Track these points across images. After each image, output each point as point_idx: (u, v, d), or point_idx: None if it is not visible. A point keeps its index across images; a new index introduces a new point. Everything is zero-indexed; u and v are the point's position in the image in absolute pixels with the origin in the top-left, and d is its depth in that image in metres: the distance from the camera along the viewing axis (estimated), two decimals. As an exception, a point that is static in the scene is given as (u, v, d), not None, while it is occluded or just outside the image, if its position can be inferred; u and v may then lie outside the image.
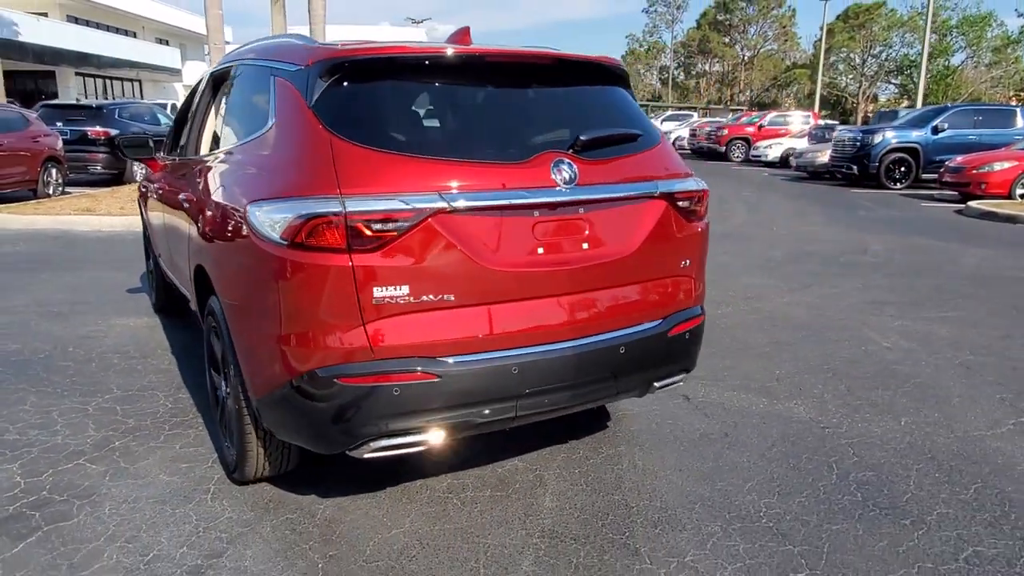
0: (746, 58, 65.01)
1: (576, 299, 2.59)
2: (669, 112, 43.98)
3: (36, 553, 2.49)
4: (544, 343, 2.51)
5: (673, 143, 14.95)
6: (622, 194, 2.68)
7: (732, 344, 4.99)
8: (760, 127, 27.44)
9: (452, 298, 2.35)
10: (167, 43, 46.77)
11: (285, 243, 2.26)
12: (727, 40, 65.05)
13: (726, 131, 28.22)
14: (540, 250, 2.48)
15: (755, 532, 2.67)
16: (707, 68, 67.92)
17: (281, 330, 2.33)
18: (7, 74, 34.22)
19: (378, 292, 2.26)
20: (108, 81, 41.89)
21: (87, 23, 40.45)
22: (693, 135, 31.07)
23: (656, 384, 2.93)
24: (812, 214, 12.65)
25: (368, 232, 2.23)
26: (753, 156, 25.56)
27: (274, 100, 2.66)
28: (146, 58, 41.98)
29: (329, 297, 2.25)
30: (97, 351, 4.68)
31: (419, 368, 2.32)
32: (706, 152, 28.83)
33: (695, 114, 43.16)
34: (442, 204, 2.30)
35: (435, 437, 2.44)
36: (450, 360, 2.36)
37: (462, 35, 2.81)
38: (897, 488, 3.00)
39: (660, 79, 69.92)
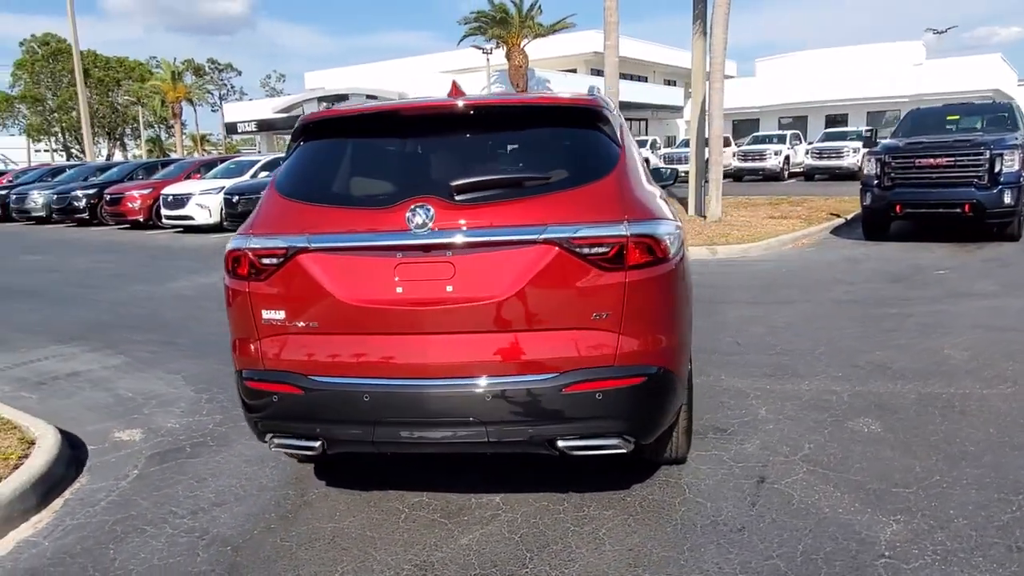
0: None
1: (436, 340, 2.65)
2: None
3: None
4: (397, 377, 2.66)
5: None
6: (490, 238, 2.61)
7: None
8: None
9: (316, 325, 2.72)
10: (673, 83, 51.01)
11: (227, 269, 2.94)
12: None
13: None
14: (399, 290, 2.65)
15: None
16: None
17: (231, 336, 3.02)
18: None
19: (265, 314, 2.78)
20: (620, 122, 47.69)
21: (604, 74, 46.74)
22: None
23: (562, 443, 2.71)
24: None
25: (259, 264, 2.77)
26: None
27: None
28: (655, 99, 46.47)
29: (242, 315, 2.86)
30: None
31: (290, 382, 2.75)
32: None
33: None
34: (305, 244, 2.70)
35: (315, 445, 2.82)
36: (313, 378, 2.73)
37: (453, 90, 3.08)
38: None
39: None
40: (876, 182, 10.42)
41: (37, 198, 20.84)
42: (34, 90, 60.41)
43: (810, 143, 28.55)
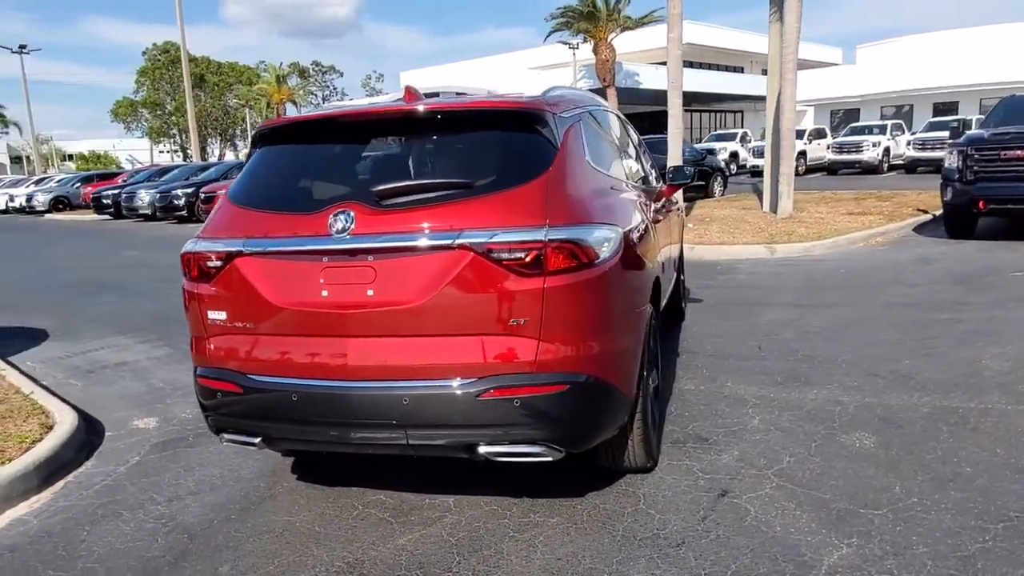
0: None
1: (357, 342, 2.69)
2: None
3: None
4: (323, 378, 2.72)
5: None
6: (405, 244, 2.63)
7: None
8: None
9: (252, 326, 2.83)
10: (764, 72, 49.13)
11: (182, 271, 3.09)
12: None
13: None
14: (324, 293, 2.71)
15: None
16: None
17: (190, 334, 3.17)
18: (632, 116, 41.72)
19: (211, 315, 2.91)
20: (713, 115, 46.49)
21: (699, 65, 45.60)
22: None
23: (483, 449, 2.70)
24: None
25: (204, 267, 2.90)
26: None
27: None
28: (751, 90, 44.95)
29: (194, 315, 3.00)
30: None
31: (231, 380, 2.87)
32: None
33: None
34: (241, 248, 2.80)
35: (255, 441, 2.93)
36: (251, 377, 2.83)
37: (407, 95, 3.13)
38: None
39: None
40: (957, 176, 9.71)
41: (144, 197, 22.39)
42: (154, 95, 64.74)
43: (913, 133, 26.88)
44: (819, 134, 29.36)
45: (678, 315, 6.21)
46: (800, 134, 28.92)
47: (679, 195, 5.83)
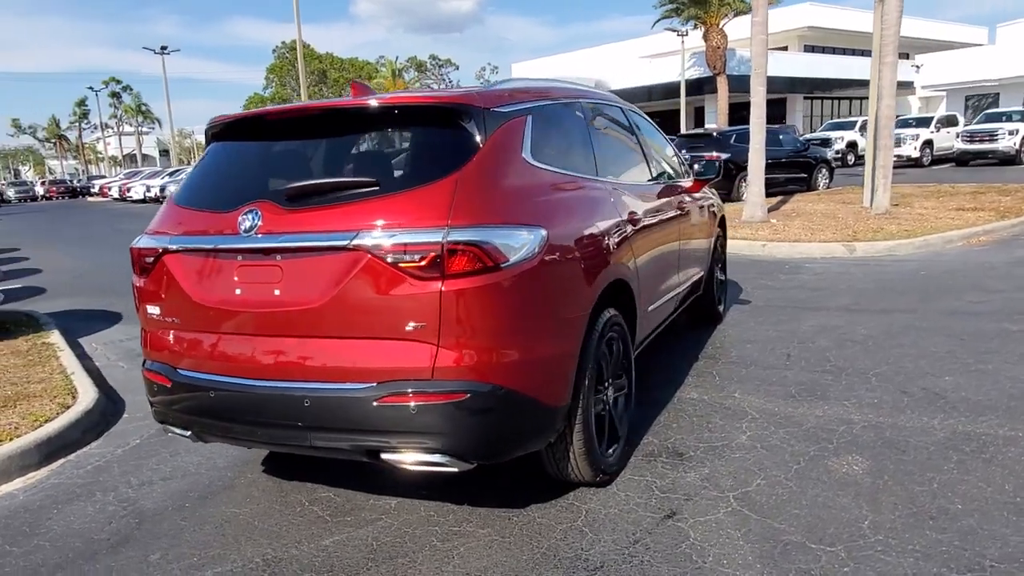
0: None
1: (265, 342, 2.68)
2: None
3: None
4: (235, 376, 2.73)
5: None
6: (303, 244, 2.58)
7: None
8: None
9: (179, 321, 2.88)
10: (907, 56, 45.68)
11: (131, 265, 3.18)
12: None
13: None
14: (238, 291, 2.71)
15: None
16: None
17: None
18: (744, 105, 40.01)
19: (149, 309, 2.99)
20: (835, 102, 43.79)
21: (822, 50, 43.13)
22: None
23: (385, 456, 2.62)
24: None
25: (143, 263, 2.98)
26: None
27: None
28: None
29: (138, 308, 3.09)
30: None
31: (164, 373, 2.94)
32: None
33: None
34: (167, 244, 2.86)
35: (187, 434, 2.99)
36: (178, 371, 2.89)
37: (353, 91, 3.10)
38: None
39: None
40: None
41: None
42: (282, 91, 68.31)
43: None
44: (949, 121, 27.04)
45: (709, 318, 5.87)
46: (926, 121, 26.81)
47: (704, 191, 5.40)
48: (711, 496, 3.12)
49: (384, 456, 2.63)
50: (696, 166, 5.25)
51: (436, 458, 2.60)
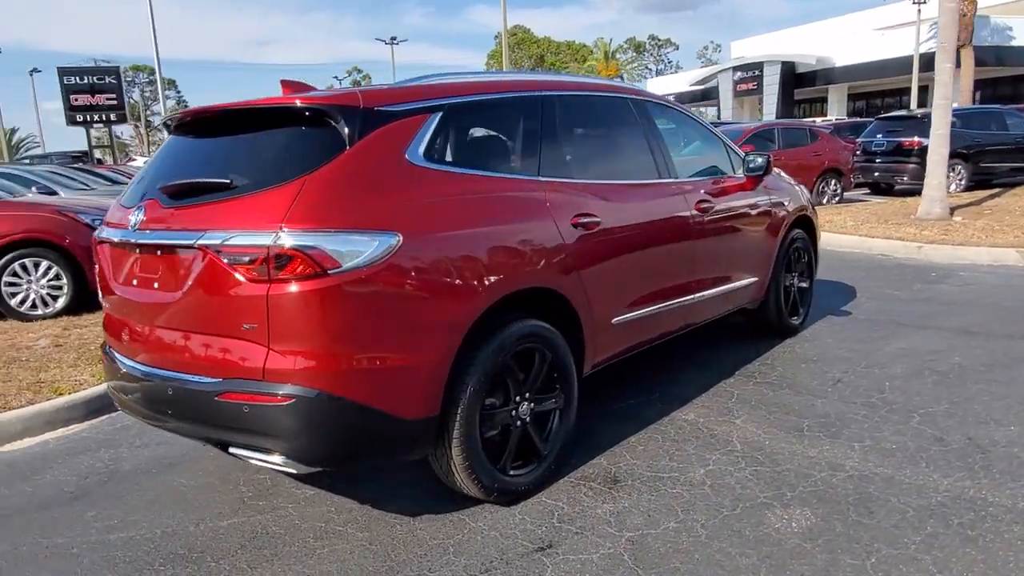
0: None
1: (150, 331, 2.85)
2: None
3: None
4: (134, 361, 2.95)
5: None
6: (161, 241, 2.73)
7: None
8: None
9: (108, 306, 3.17)
10: None
11: None
12: None
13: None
14: (135, 281, 2.92)
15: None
16: None
17: None
18: (993, 81, 34.44)
19: (100, 294, 3.31)
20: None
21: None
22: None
23: (233, 451, 2.69)
24: None
25: (95, 249, 3.31)
26: None
27: None
28: None
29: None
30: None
31: (106, 354, 3.25)
32: None
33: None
34: (100, 234, 3.14)
35: (125, 412, 3.28)
36: (109, 351, 3.18)
37: (283, 89, 3.21)
38: None
39: None
40: None
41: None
42: (501, 76, 71.01)
43: None
44: None
45: (775, 329, 5.24)
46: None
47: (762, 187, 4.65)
48: (604, 533, 2.83)
49: (232, 451, 2.71)
50: (749, 161, 4.68)
51: (274, 459, 2.62)
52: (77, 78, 32.96)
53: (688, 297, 4.11)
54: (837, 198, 13.60)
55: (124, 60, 76.91)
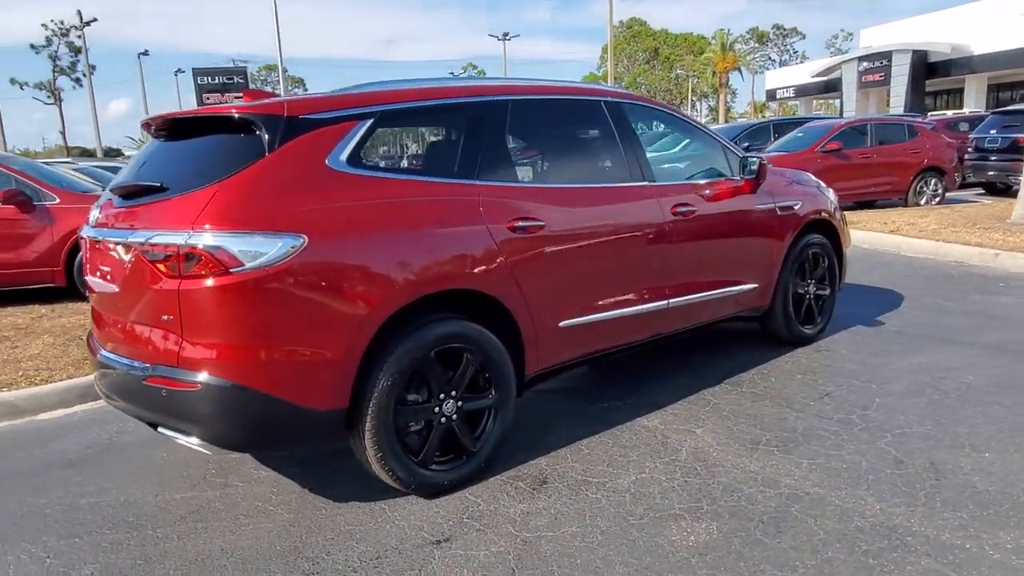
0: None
1: (109, 320, 3.16)
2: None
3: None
4: (101, 348, 3.27)
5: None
6: (103, 237, 3.01)
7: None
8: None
9: (89, 295, 3.52)
10: None
11: None
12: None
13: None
14: (98, 274, 3.24)
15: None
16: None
17: None
18: None
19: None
20: None
21: None
22: None
23: (160, 430, 2.94)
24: None
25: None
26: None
27: None
28: None
29: None
30: None
31: (88, 340, 3.62)
32: None
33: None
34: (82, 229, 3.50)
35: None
36: (91, 340, 3.54)
37: (244, 96, 3.47)
38: None
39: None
40: None
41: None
42: (615, 69, 70.17)
43: None
44: None
45: (782, 338, 5.03)
46: None
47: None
48: (504, 532, 2.90)
49: (160, 430, 2.98)
50: (746, 164, 4.53)
51: (191, 440, 2.86)
52: (209, 78, 35.56)
53: (658, 303, 4.05)
54: (938, 199, 12.64)
55: (261, 60, 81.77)
